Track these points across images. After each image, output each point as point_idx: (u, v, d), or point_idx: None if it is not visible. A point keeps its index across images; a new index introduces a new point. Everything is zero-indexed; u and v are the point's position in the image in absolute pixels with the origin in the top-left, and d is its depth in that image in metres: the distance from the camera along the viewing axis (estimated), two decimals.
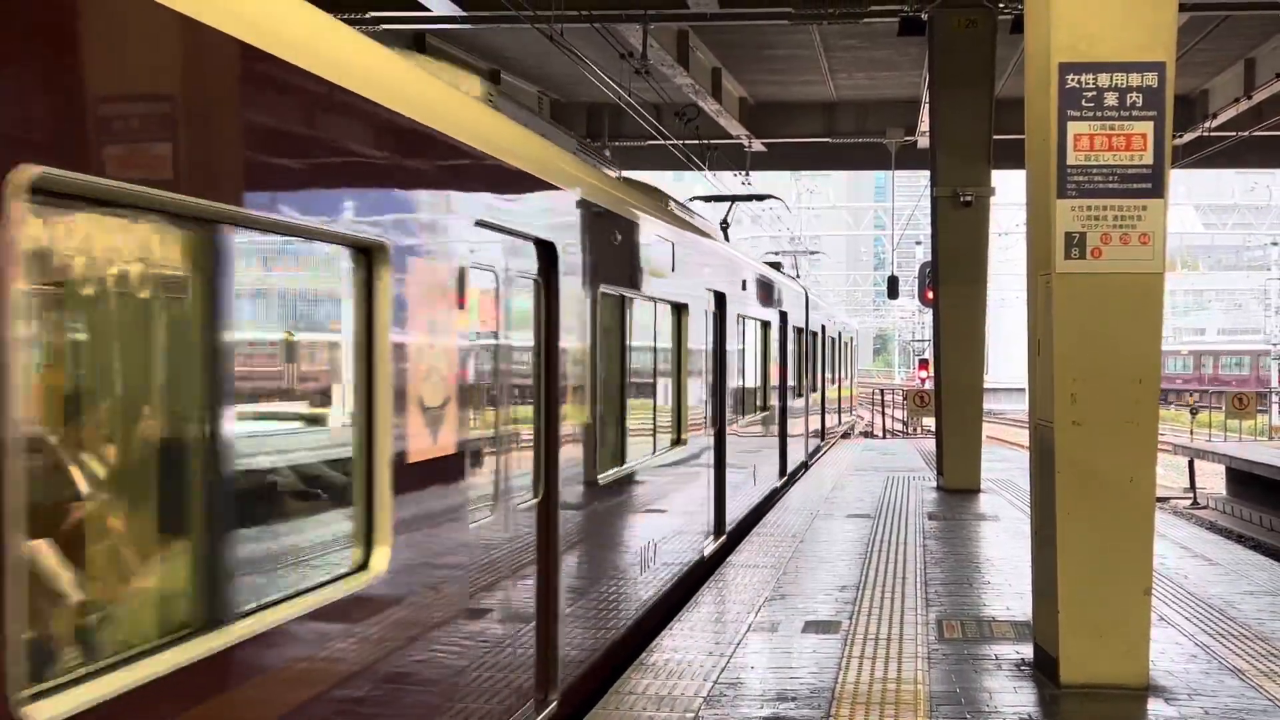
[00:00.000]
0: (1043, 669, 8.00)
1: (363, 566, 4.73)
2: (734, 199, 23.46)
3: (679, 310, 11.31)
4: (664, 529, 10.53)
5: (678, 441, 11.45)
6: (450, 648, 5.54)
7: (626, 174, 11.16)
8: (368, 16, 18.98)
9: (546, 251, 7.04)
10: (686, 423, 11.71)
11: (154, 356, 3.57)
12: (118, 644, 3.35)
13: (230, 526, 3.82)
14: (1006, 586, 10.93)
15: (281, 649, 4.04)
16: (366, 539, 4.76)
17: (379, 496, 4.78)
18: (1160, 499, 24.55)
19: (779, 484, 19.35)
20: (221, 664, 3.70)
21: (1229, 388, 62.24)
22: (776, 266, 24.13)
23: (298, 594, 4.20)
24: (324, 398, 4.63)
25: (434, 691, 5.37)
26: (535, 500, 6.92)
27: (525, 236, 6.63)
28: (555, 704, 7.14)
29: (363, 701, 4.66)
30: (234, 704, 3.80)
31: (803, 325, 23.28)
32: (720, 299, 13.59)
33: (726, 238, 18.13)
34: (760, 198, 24.68)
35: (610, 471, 8.65)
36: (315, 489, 4.55)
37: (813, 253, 54.53)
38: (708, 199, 23.35)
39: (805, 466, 23.58)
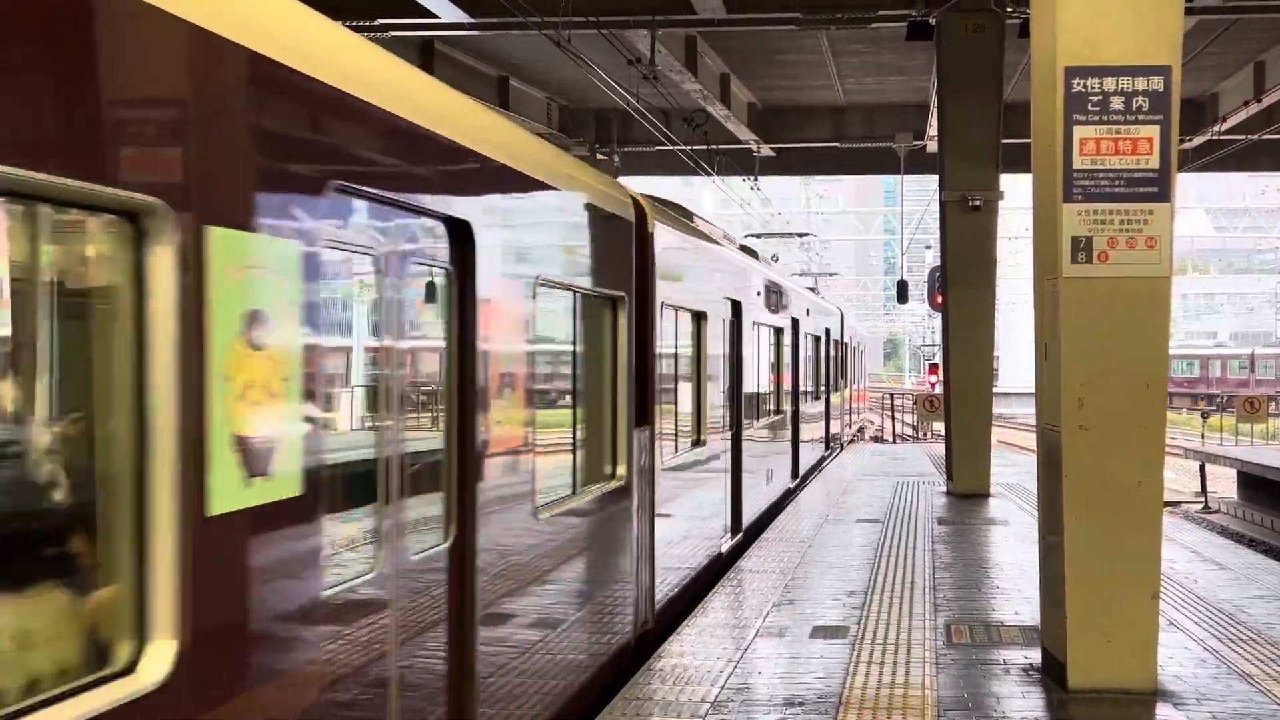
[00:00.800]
0: (1050, 674, 7.99)
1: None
2: (777, 235, 26.90)
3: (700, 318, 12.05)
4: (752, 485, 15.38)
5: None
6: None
7: (635, 179, 11.62)
8: (376, 24, 19.04)
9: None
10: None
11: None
12: None
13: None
14: (1015, 591, 10.91)
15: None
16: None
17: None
18: (1172, 503, 24.49)
19: (793, 484, 20.28)
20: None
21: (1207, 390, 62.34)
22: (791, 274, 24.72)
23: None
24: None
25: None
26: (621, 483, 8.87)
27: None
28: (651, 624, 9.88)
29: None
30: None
31: (817, 332, 23.98)
32: (736, 307, 14.01)
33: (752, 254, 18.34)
34: (801, 235, 26.93)
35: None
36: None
37: (831, 274, 56.98)
38: (759, 236, 27.18)
39: (817, 469, 24.13)
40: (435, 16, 18.49)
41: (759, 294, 16.20)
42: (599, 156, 28.35)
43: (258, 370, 3.81)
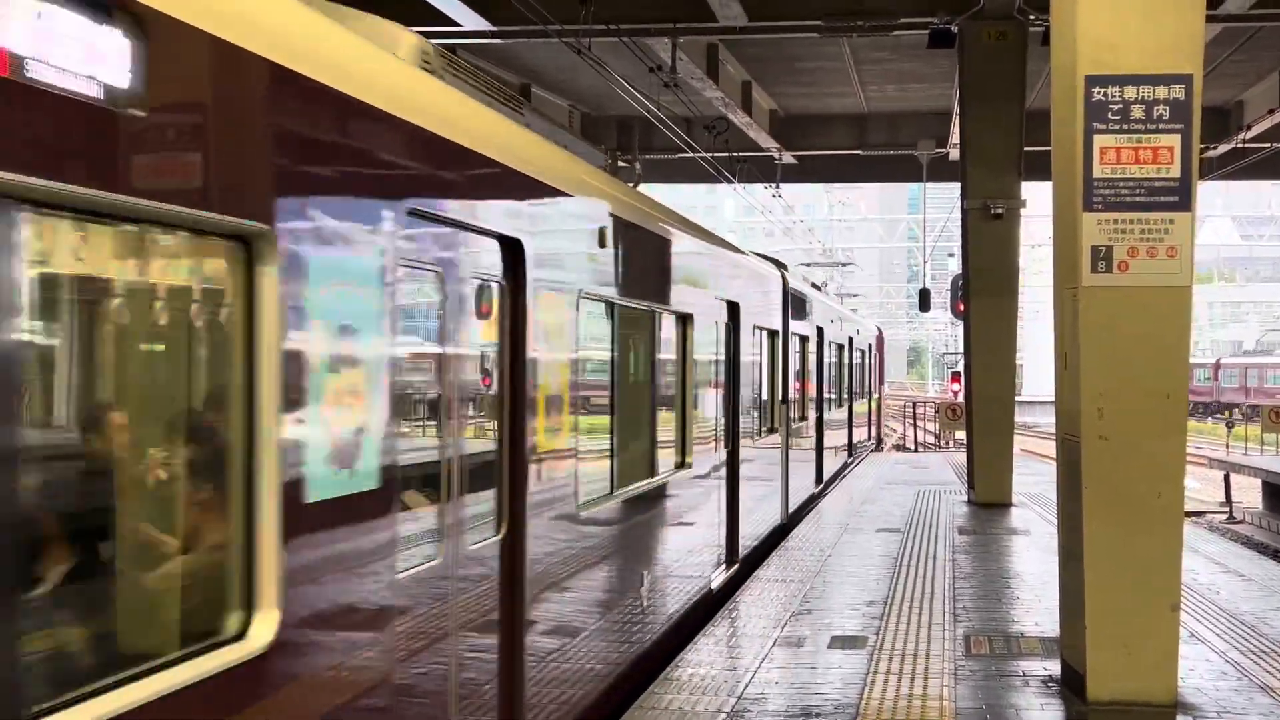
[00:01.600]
0: (1070, 685, 7.93)
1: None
2: (823, 264, 28.29)
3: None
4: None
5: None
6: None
7: (657, 187, 11.76)
8: None
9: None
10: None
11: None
12: None
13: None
14: (1036, 602, 10.85)
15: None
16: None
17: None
18: (1196, 513, 24.32)
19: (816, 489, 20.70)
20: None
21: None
22: (817, 287, 25.42)
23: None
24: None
25: None
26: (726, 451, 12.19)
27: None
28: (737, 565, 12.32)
29: None
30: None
31: (841, 341, 24.54)
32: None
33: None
34: (843, 264, 27.86)
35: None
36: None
37: (845, 264, 56.69)
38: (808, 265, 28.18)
39: (839, 475, 24.52)
40: (458, 25, 18.54)
41: (791, 307, 17.01)
42: (620, 164, 28.38)
43: (346, 376, 4.38)
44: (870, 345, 35.22)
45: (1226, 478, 27.41)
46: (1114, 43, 7.57)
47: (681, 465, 10.30)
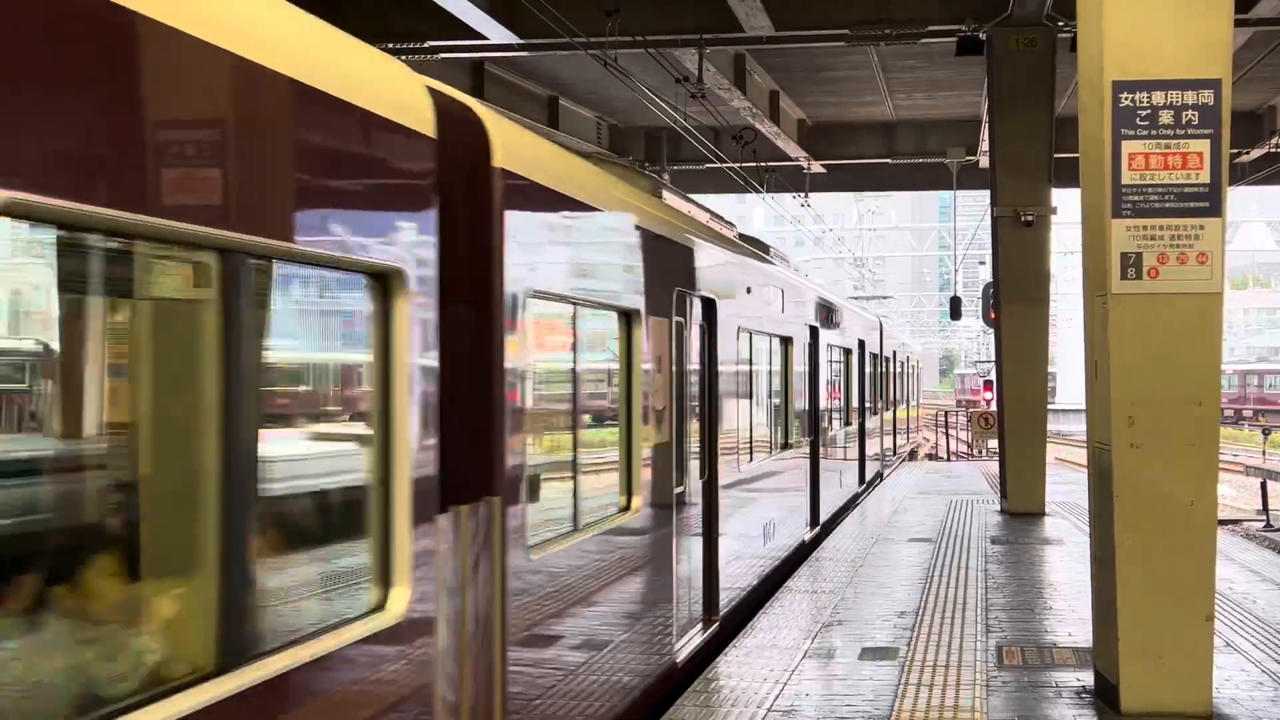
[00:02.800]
0: (1104, 696, 7.86)
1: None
2: (869, 298, 30.66)
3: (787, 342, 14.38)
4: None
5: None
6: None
7: (693, 199, 12.31)
8: (426, 46, 19.19)
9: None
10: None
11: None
12: None
13: None
14: (1069, 612, 10.76)
15: None
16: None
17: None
18: (1233, 521, 24.07)
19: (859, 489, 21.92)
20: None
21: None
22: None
23: None
24: None
25: None
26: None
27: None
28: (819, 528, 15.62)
29: None
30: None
31: (877, 351, 25.29)
32: (814, 332, 16.21)
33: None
34: (883, 298, 29.36)
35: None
36: None
37: (885, 298, 58.76)
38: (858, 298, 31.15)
39: (880, 476, 25.39)
40: (484, 38, 18.61)
41: (832, 320, 18.35)
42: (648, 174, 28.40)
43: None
44: (909, 358, 36.31)
45: (1263, 485, 27.13)
46: (1142, 48, 7.52)
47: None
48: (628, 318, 7.80)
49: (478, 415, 5.42)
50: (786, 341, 13.94)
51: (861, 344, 22.07)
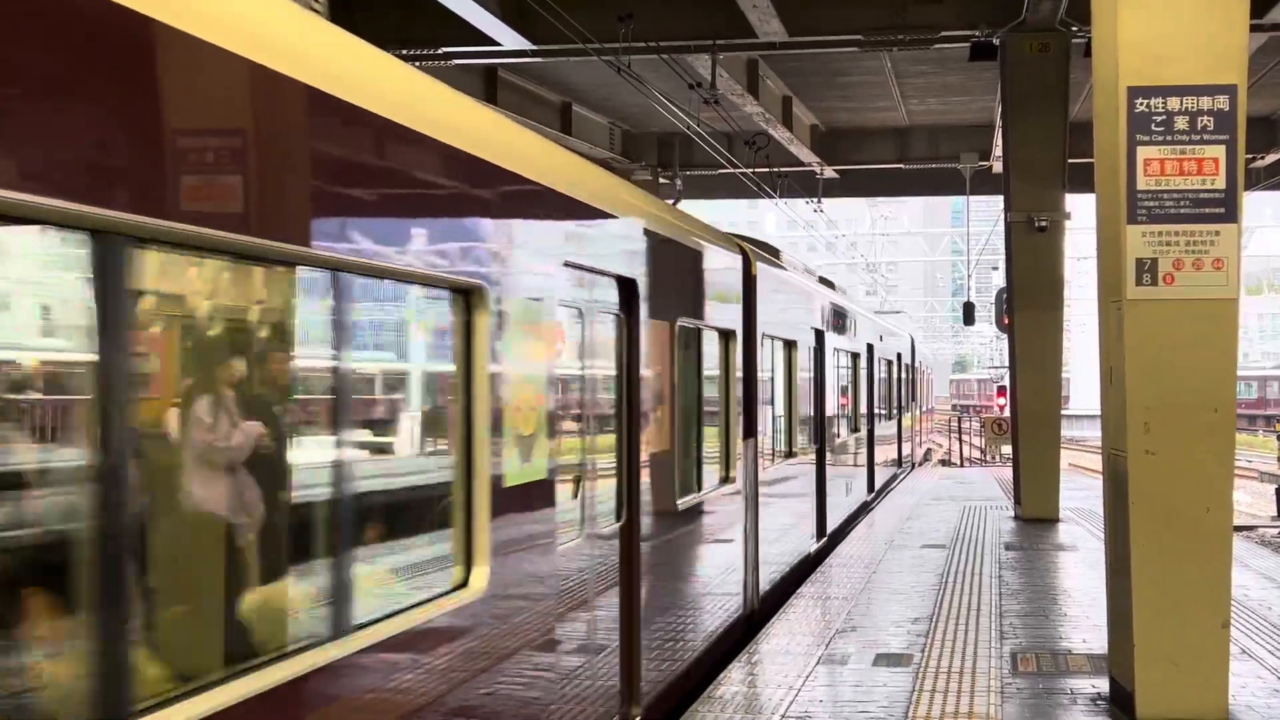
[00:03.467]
0: (1119, 703, 7.83)
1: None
2: (887, 313, 31.76)
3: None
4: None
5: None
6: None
7: (698, 204, 12.30)
8: (440, 52, 19.22)
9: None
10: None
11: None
12: None
13: None
14: (1084, 618, 10.72)
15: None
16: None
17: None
18: (1247, 527, 23.98)
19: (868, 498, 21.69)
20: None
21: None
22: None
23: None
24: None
25: None
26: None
27: None
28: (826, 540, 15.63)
29: None
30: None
31: (890, 357, 25.42)
32: (820, 336, 15.95)
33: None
34: (896, 311, 29.67)
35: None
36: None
37: (898, 311, 59.18)
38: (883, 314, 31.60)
39: (888, 486, 25.27)
40: (498, 44, 18.64)
41: (839, 324, 18.11)
42: (661, 181, 28.41)
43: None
44: (921, 363, 36.32)
45: (1278, 491, 27.02)
46: (1157, 54, 7.50)
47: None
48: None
49: None
50: (790, 345, 13.90)
51: (870, 349, 22.04)
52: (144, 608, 3.32)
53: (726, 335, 10.24)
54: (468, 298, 5.13)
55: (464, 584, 5.13)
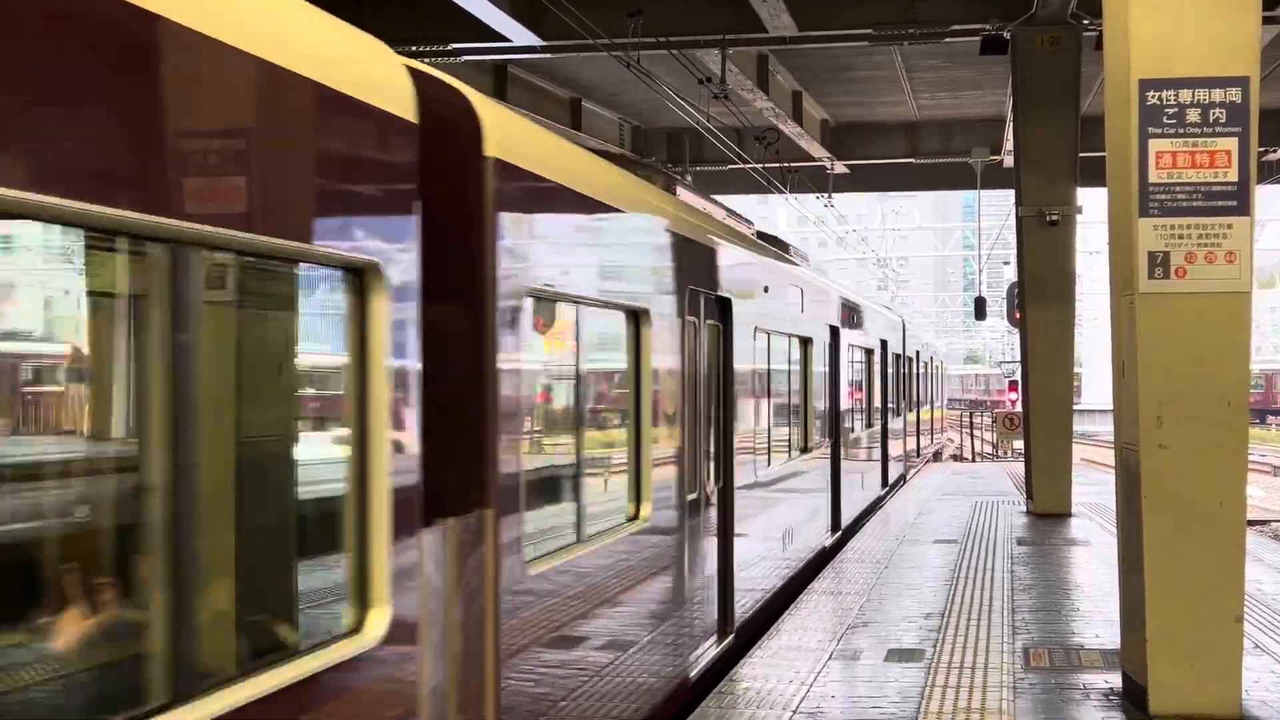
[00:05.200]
0: (1132, 699, 7.81)
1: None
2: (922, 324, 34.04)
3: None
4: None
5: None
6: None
7: (718, 199, 12.35)
8: (450, 49, 19.22)
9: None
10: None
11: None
12: None
13: None
14: (1096, 614, 10.70)
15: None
16: None
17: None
18: (1261, 521, 23.90)
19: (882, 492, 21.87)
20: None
21: None
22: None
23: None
24: None
25: None
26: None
27: None
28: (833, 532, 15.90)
29: None
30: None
31: (900, 351, 25.43)
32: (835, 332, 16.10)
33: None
34: (904, 321, 32.32)
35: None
36: None
37: (904, 319, 59.61)
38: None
39: (903, 478, 25.46)
40: (507, 40, 18.63)
41: (855, 321, 18.47)
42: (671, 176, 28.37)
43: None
44: (932, 358, 36.35)
45: None
46: (1168, 46, 7.47)
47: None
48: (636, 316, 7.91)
49: None
50: (806, 342, 13.87)
51: (884, 344, 22.09)
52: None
53: (806, 341, 13.48)
54: (637, 317, 7.31)
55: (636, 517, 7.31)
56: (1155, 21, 7.49)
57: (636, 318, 7.52)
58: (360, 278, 4.19)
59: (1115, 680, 8.29)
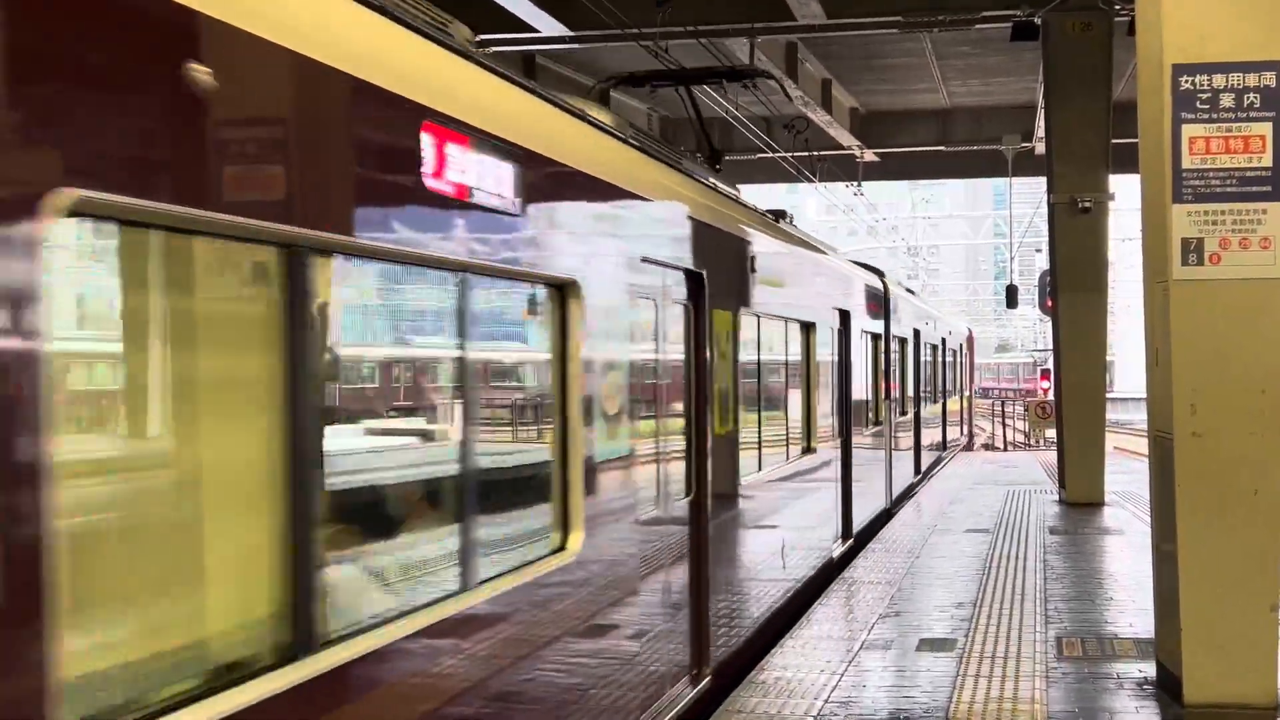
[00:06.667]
0: (1166, 688, 7.76)
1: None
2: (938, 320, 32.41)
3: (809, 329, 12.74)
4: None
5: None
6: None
7: (742, 189, 12.19)
8: (477, 39, 19.22)
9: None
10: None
11: None
12: None
13: None
14: (1130, 602, 10.64)
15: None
16: None
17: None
18: None
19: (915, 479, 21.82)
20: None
21: None
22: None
23: None
24: None
25: None
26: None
27: None
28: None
29: None
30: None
31: (935, 341, 25.65)
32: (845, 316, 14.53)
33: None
34: (931, 319, 32.33)
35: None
36: None
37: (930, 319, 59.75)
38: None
39: (932, 468, 25.38)
40: (535, 31, 18.64)
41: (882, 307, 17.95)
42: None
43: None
44: (960, 346, 36.18)
45: None
46: (1201, 31, 7.40)
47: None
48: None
49: None
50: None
51: (917, 334, 22.05)
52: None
53: (877, 337, 15.17)
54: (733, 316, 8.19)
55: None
56: (1188, 6, 7.42)
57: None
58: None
59: (1149, 670, 8.25)
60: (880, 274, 18.49)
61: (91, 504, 2.95)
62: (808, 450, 11.85)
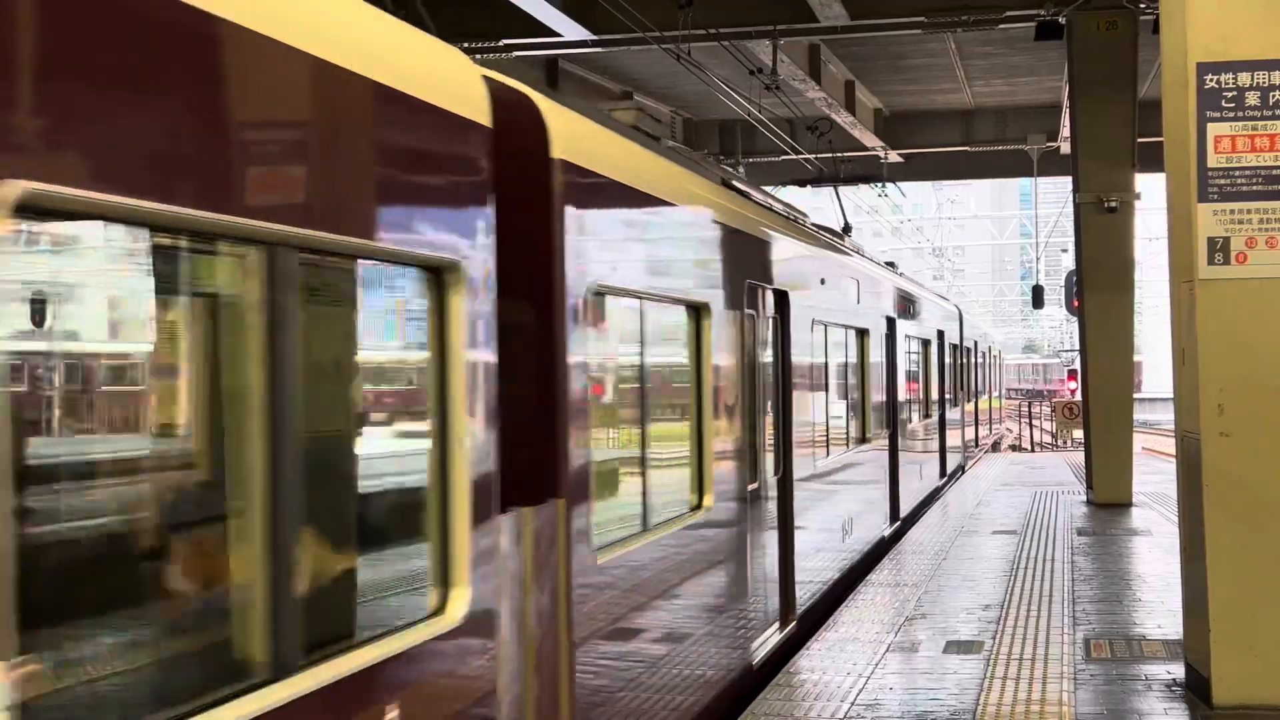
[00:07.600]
0: (1195, 690, 7.72)
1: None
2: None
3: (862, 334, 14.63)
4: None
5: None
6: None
7: (772, 192, 12.58)
8: (500, 44, 19.29)
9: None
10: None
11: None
12: None
13: None
14: (1158, 604, 10.58)
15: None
16: None
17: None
18: None
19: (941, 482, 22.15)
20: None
21: None
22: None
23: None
24: None
25: None
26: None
27: None
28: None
29: None
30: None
31: (957, 341, 25.59)
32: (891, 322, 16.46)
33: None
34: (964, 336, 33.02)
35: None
36: None
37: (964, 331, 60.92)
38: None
39: (961, 470, 25.69)
40: (558, 35, 18.67)
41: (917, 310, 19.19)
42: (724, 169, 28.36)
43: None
44: (990, 348, 36.58)
45: None
46: (1226, 29, 7.36)
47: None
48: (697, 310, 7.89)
49: None
50: (862, 333, 13.83)
51: (941, 334, 22.01)
52: None
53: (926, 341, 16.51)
54: (698, 312, 7.49)
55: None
56: (1212, 4, 7.38)
57: (698, 312, 7.50)
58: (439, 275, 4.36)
59: (1178, 671, 8.20)
60: (959, 309, 23.75)
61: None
62: (863, 441, 13.82)
